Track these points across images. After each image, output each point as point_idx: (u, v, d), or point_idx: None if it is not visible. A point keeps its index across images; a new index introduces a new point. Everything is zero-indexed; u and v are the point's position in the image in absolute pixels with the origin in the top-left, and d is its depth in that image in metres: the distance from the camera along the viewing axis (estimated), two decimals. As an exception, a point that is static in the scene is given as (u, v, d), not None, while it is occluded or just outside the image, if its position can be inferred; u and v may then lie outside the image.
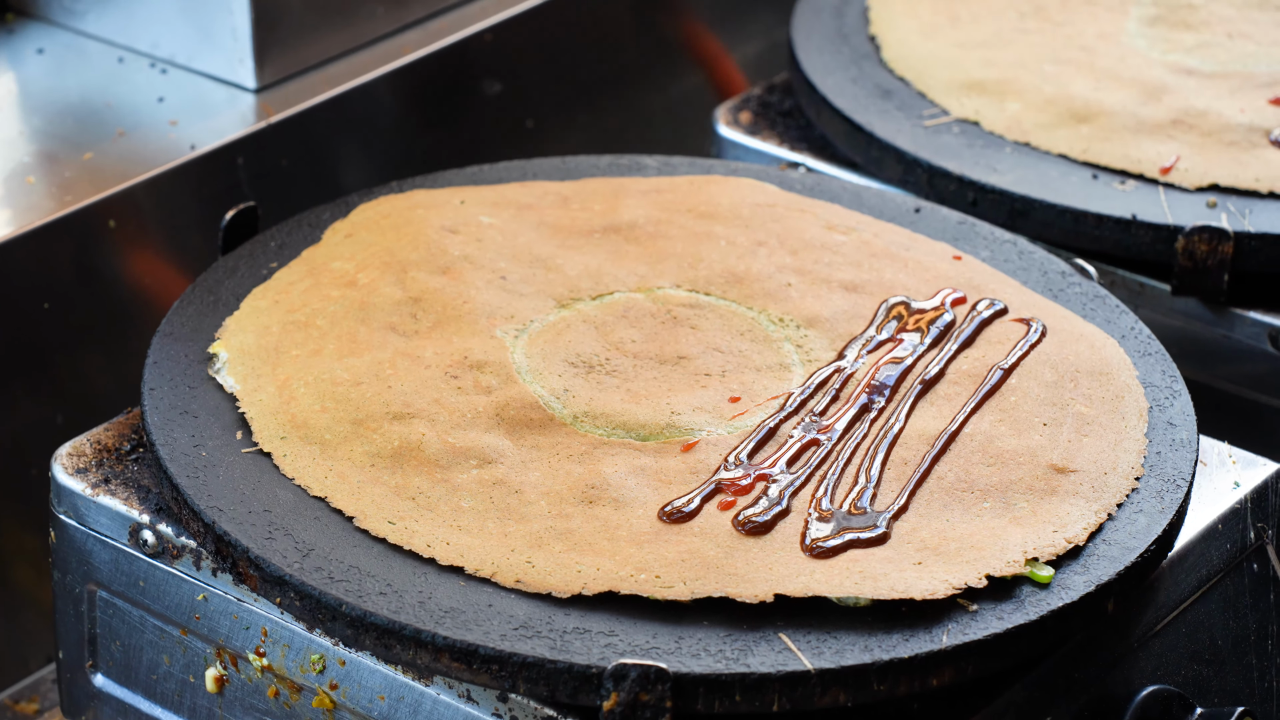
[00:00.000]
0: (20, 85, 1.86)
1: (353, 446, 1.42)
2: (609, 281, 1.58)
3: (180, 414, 1.45)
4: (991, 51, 1.90)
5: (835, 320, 1.55)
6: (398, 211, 1.65)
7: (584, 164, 1.75)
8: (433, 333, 1.52)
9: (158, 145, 1.78)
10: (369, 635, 1.31)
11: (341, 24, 1.90)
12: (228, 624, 1.40)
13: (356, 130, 1.89)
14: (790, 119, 1.90)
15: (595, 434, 1.44)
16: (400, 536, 1.36)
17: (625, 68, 2.14)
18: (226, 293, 1.57)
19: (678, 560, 1.34)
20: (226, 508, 1.38)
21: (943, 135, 1.81)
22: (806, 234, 1.65)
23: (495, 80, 2.00)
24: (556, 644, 1.29)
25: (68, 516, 1.46)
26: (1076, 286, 1.62)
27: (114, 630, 1.47)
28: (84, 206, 1.71)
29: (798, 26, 1.96)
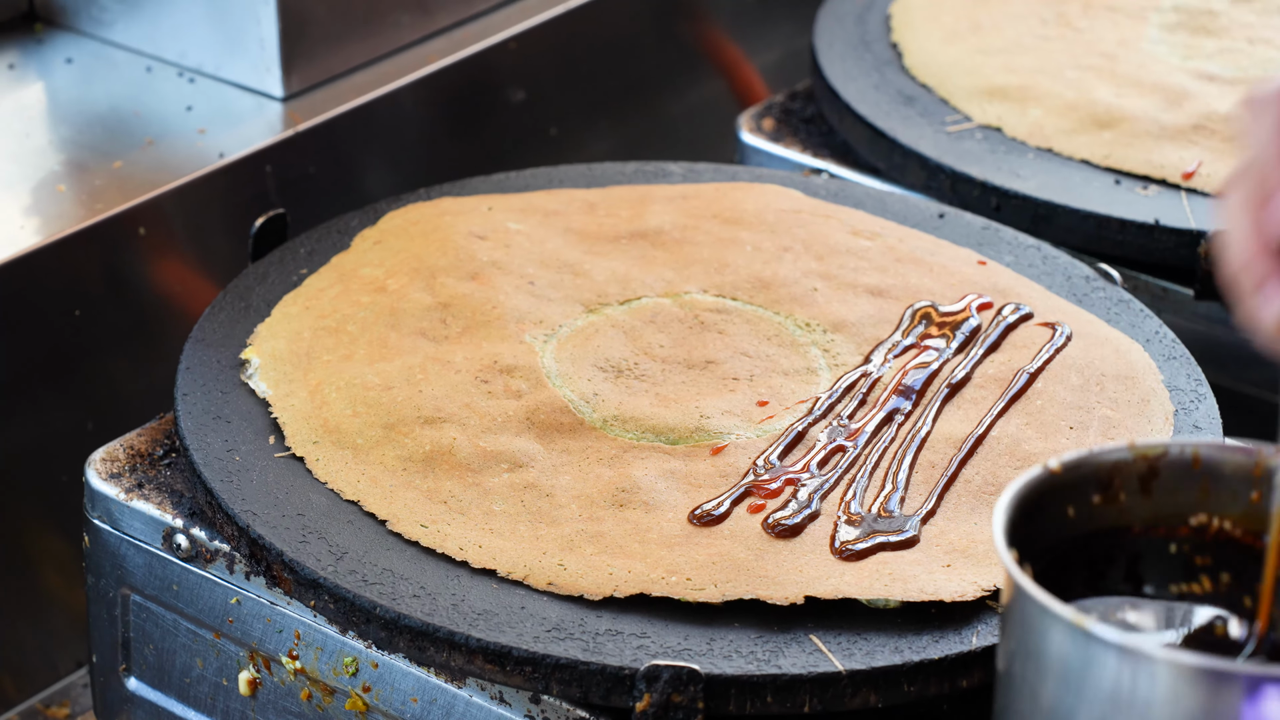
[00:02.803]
0: (50, 95, 1.87)
1: (385, 451, 1.43)
2: (636, 287, 1.60)
3: (213, 419, 1.47)
4: (1013, 58, 1.91)
5: (861, 325, 1.56)
6: (426, 218, 1.66)
7: (610, 171, 1.76)
8: (462, 338, 1.53)
9: (186, 154, 1.79)
10: (403, 637, 1.32)
11: (367, 33, 1.91)
12: (261, 627, 1.42)
13: (382, 138, 1.90)
14: (813, 126, 1.92)
15: (625, 438, 1.45)
16: (433, 540, 1.37)
17: (647, 76, 2.15)
18: (257, 299, 1.58)
19: (708, 563, 1.35)
20: (260, 512, 1.39)
21: (965, 141, 1.82)
22: (831, 239, 1.66)
23: (519, 88, 2.01)
24: (589, 646, 1.30)
25: (101, 521, 1.47)
26: (1101, 291, 1.63)
27: (147, 634, 1.48)
28: (114, 215, 1.73)
29: (820, 34, 1.97)
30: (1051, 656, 1.07)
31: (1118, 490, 1.17)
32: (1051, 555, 1.17)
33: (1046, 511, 1.16)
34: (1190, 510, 1.18)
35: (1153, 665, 1.03)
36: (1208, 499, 1.18)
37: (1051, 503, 1.17)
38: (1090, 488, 1.17)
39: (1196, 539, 1.18)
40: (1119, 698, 1.04)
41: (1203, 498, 1.18)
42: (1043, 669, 1.08)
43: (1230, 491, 1.17)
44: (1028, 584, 1.08)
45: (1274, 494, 1.14)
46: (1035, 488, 1.16)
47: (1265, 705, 0.97)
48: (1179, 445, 1.17)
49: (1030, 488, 1.15)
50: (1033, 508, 1.16)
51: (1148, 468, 1.17)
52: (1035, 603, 1.07)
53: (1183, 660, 1.02)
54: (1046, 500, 1.17)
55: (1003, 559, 1.10)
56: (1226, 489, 1.17)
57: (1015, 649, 1.10)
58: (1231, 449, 1.17)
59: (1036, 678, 1.08)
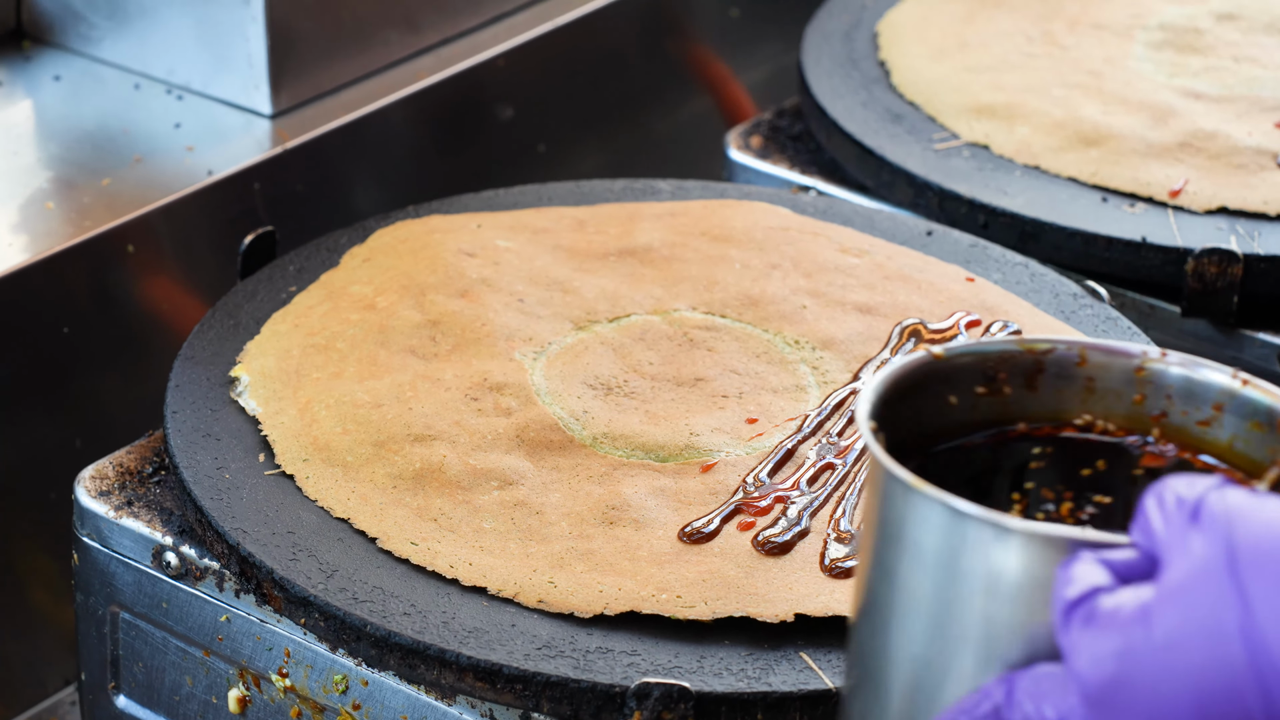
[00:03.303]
0: (38, 112, 1.87)
1: (374, 468, 1.43)
2: (626, 304, 1.60)
3: (203, 437, 1.47)
4: (1000, 76, 1.92)
5: (850, 342, 1.57)
6: (415, 236, 1.66)
7: (599, 188, 1.76)
8: (452, 355, 1.53)
9: (175, 171, 1.79)
10: (393, 655, 1.32)
11: (356, 50, 1.91)
12: (250, 645, 1.42)
13: (371, 155, 1.90)
14: (800, 143, 1.92)
15: (615, 455, 1.45)
16: (423, 558, 1.37)
17: (635, 93, 2.16)
18: (246, 316, 1.59)
19: (699, 580, 1.35)
20: (250, 529, 1.39)
21: (953, 159, 1.83)
22: (820, 257, 1.66)
23: (508, 105, 2.01)
24: (580, 663, 1.30)
25: (90, 539, 1.47)
26: (1088, 309, 1.63)
27: (136, 652, 1.48)
28: (102, 232, 1.73)
29: (807, 52, 1.97)
30: (912, 533, 1.06)
31: (1002, 383, 1.18)
32: (930, 459, 1.17)
33: (931, 399, 1.16)
34: (1075, 410, 1.18)
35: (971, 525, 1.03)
36: (1092, 398, 1.18)
37: (936, 391, 1.16)
38: (975, 378, 1.17)
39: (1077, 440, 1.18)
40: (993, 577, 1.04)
41: (1088, 396, 1.18)
42: (906, 547, 1.07)
43: (1114, 392, 1.18)
44: (886, 458, 1.07)
45: None
46: (915, 372, 1.14)
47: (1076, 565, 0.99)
48: (1066, 342, 1.18)
49: (909, 371, 1.14)
50: (915, 394, 1.14)
51: (1034, 361, 1.18)
52: (896, 477, 1.06)
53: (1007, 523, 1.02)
54: (928, 389, 1.15)
55: (862, 430, 1.09)
56: (1110, 389, 1.18)
57: (881, 531, 1.09)
58: (1117, 350, 1.17)
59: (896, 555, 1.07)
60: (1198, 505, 0.97)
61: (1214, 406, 1.16)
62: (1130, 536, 1.00)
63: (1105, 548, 1.00)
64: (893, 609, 1.07)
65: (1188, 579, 0.95)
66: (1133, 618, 0.95)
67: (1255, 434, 1.14)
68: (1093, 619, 0.97)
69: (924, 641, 1.06)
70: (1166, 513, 0.98)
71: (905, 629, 1.07)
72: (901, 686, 1.07)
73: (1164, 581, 0.96)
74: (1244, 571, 0.94)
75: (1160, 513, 0.98)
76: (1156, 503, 0.99)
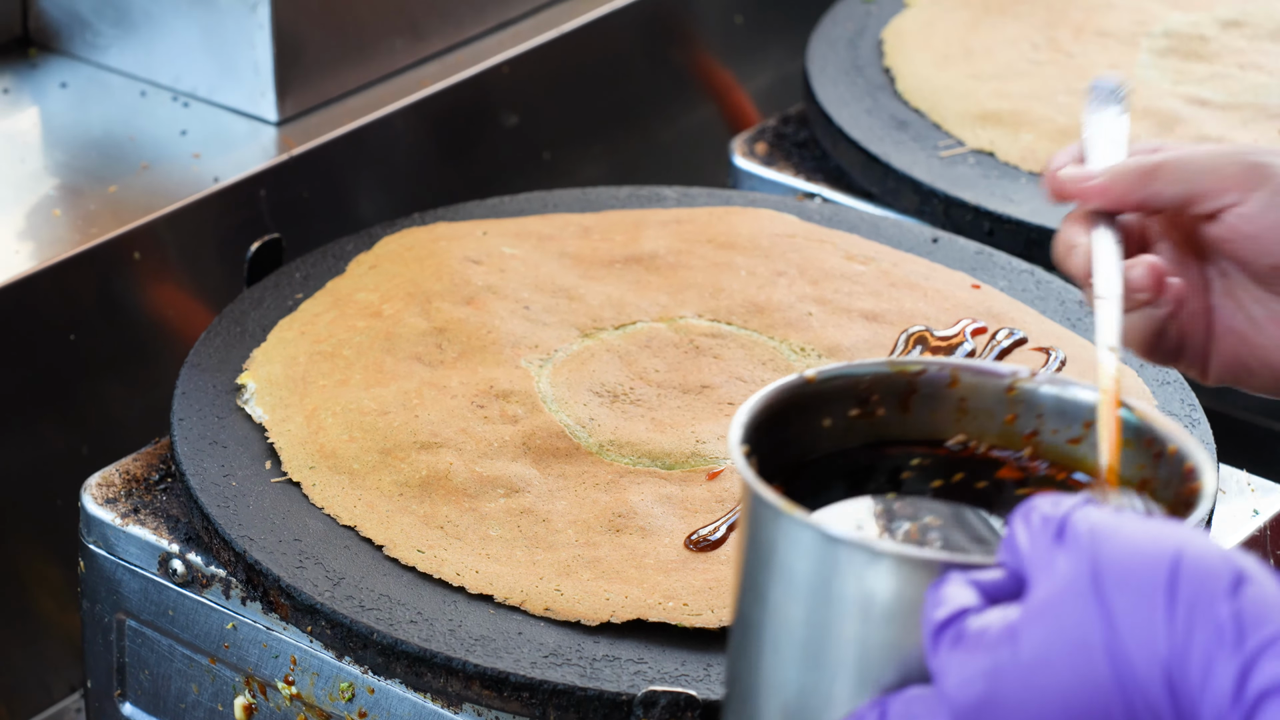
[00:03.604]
0: (44, 120, 1.88)
1: (381, 476, 1.43)
2: (631, 311, 1.60)
3: (209, 444, 1.47)
4: (1005, 83, 1.92)
5: (856, 349, 1.57)
6: (421, 243, 1.67)
7: (604, 195, 1.76)
8: (458, 362, 1.53)
9: (181, 178, 1.80)
10: (400, 663, 1.32)
11: (361, 58, 1.92)
12: (257, 652, 1.42)
13: (376, 162, 1.90)
14: (805, 150, 1.92)
15: (621, 463, 1.45)
16: (429, 565, 1.37)
17: (640, 100, 2.16)
18: (253, 324, 1.59)
19: (705, 588, 1.35)
20: (257, 537, 1.39)
21: (958, 166, 1.83)
22: (826, 264, 1.66)
23: (512, 112, 2.02)
24: (586, 671, 1.30)
25: (97, 546, 1.47)
26: (1094, 316, 1.63)
27: (143, 659, 1.48)
28: (108, 239, 1.73)
29: (812, 59, 1.97)
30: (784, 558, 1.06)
31: (875, 405, 1.18)
32: (805, 470, 1.17)
33: (804, 422, 1.16)
34: (948, 428, 1.19)
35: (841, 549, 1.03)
36: (965, 418, 1.18)
37: (809, 414, 1.16)
38: (848, 400, 1.18)
39: (950, 458, 1.18)
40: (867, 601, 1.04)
41: (960, 416, 1.18)
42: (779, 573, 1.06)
43: (986, 411, 1.18)
44: (751, 477, 1.07)
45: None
46: (788, 395, 1.14)
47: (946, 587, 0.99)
48: (938, 363, 1.18)
49: (782, 394, 1.14)
50: (786, 418, 1.14)
51: (906, 383, 1.18)
52: (766, 502, 1.06)
53: (876, 546, 1.02)
54: (802, 412, 1.15)
55: (733, 455, 1.08)
56: (982, 409, 1.18)
57: (746, 549, 1.09)
58: (988, 371, 1.18)
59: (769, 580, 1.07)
60: (1062, 524, 0.97)
61: (1084, 425, 1.16)
62: (998, 557, 1.00)
63: (974, 569, 1.00)
64: (765, 633, 1.06)
65: (1053, 598, 0.95)
66: (1000, 637, 0.96)
67: (1125, 451, 1.14)
68: (961, 640, 0.97)
69: (798, 666, 1.05)
70: (1033, 532, 0.98)
71: (779, 653, 1.06)
72: (776, 711, 1.07)
73: (1030, 601, 0.96)
74: (1108, 589, 0.94)
75: (1027, 532, 0.98)
76: (1023, 522, 0.99)
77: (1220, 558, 0.94)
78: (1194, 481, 1.10)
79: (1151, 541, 0.95)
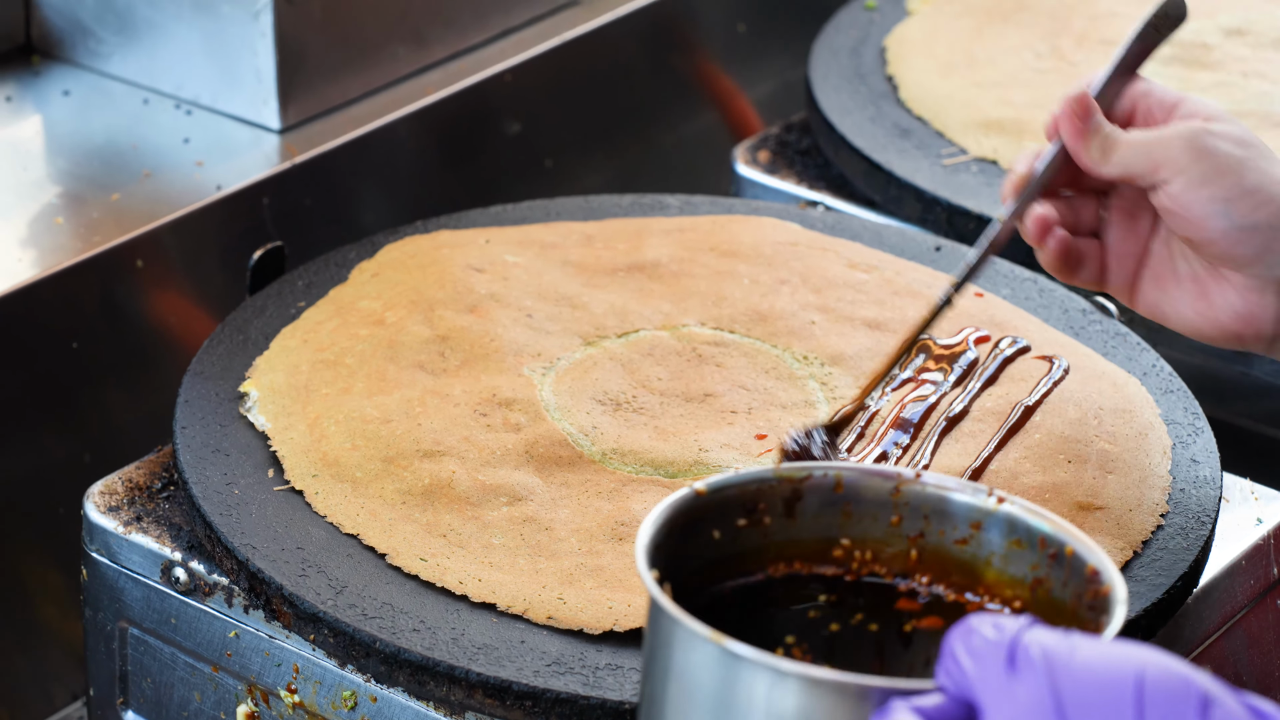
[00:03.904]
0: (47, 127, 1.88)
1: (384, 484, 1.43)
2: (634, 319, 1.60)
3: (212, 452, 1.47)
4: (1008, 91, 1.92)
5: (859, 358, 1.57)
6: (423, 251, 1.67)
7: (606, 203, 1.76)
8: (461, 371, 1.53)
9: (184, 186, 1.80)
10: (403, 672, 1.32)
11: (363, 65, 1.92)
12: (259, 661, 1.41)
13: (379, 170, 1.90)
14: (808, 158, 1.92)
15: (624, 471, 1.45)
16: (432, 574, 1.37)
17: (642, 108, 2.16)
18: (256, 332, 1.59)
19: (708, 596, 1.35)
20: (260, 545, 1.39)
21: (961, 174, 1.83)
22: (829, 272, 1.66)
23: (515, 120, 2.02)
24: (589, 680, 1.30)
25: (100, 554, 1.47)
26: (1097, 324, 1.63)
27: (145, 667, 1.48)
28: (111, 247, 1.73)
29: (815, 66, 1.97)
30: (689, 673, 1.07)
31: (762, 514, 1.18)
32: (704, 581, 1.17)
33: (696, 535, 1.17)
34: (834, 533, 1.19)
35: (783, 679, 1.03)
36: (850, 522, 1.19)
37: (700, 526, 1.17)
38: (735, 511, 1.18)
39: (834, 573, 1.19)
40: (753, 713, 1.04)
41: (846, 520, 1.19)
42: (680, 686, 1.07)
43: (871, 515, 1.19)
44: (665, 601, 1.08)
45: None
46: (682, 509, 1.15)
47: (892, 717, 0.99)
48: (823, 468, 1.19)
49: (676, 509, 1.15)
50: (683, 531, 1.15)
51: (791, 490, 1.18)
52: (675, 622, 1.07)
53: (814, 674, 1.03)
54: (695, 523, 1.17)
55: (643, 578, 1.10)
56: (868, 512, 1.19)
57: (656, 673, 1.10)
58: (873, 472, 1.19)
59: (674, 697, 1.08)
60: (1012, 650, 0.97)
61: (971, 525, 1.17)
62: (937, 680, 1.00)
63: (914, 694, 1.00)
64: None
65: None
66: None
67: (1016, 551, 1.16)
68: None
69: None
70: (977, 656, 0.98)
71: None
72: None
73: None
74: (1071, 715, 0.94)
75: (969, 656, 0.98)
76: (963, 646, 0.99)
77: (1182, 679, 0.94)
78: (1100, 585, 1.10)
79: (1110, 664, 0.95)
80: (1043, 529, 1.15)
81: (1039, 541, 1.15)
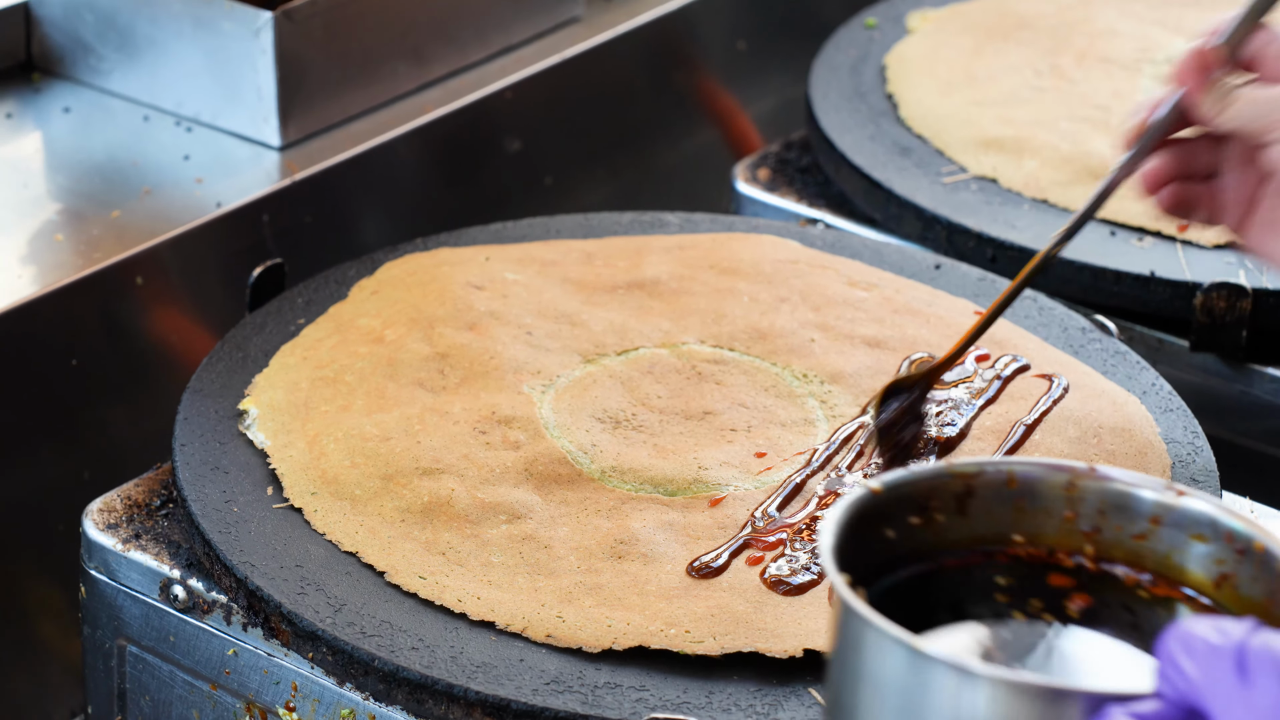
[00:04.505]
0: (47, 144, 1.88)
1: (383, 502, 1.43)
2: (634, 337, 1.60)
3: (211, 470, 1.47)
4: (1008, 109, 1.92)
5: (859, 376, 1.56)
6: (423, 268, 1.66)
7: (606, 221, 1.76)
8: (460, 388, 1.53)
9: (184, 203, 1.80)
10: (401, 690, 1.32)
11: (364, 83, 1.92)
12: (258, 679, 1.41)
13: (379, 187, 1.90)
14: (808, 175, 1.92)
15: (623, 489, 1.45)
16: (431, 592, 1.37)
17: (642, 125, 2.16)
18: (255, 349, 1.59)
19: (707, 615, 1.35)
20: (258, 563, 1.39)
21: (961, 192, 1.83)
22: (829, 290, 1.66)
23: (515, 138, 2.02)
24: (588, 699, 1.30)
25: (98, 572, 1.47)
26: (1097, 343, 1.63)
27: (144, 685, 1.47)
28: (111, 264, 1.73)
29: (815, 85, 1.97)
30: (886, 682, 1.05)
31: (934, 511, 1.18)
32: (879, 582, 1.16)
33: (870, 535, 1.15)
34: (1007, 529, 1.18)
35: (987, 685, 1.02)
36: (1023, 518, 1.18)
37: (873, 526, 1.16)
38: (909, 508, 1.17)
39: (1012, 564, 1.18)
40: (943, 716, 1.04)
41: (1019, 516, 1.18)
42: (878, 695, 1.06)
43: (1044, 510, 1.18)
44: (859, 605, 1.07)
45: None
46: (860, 509, 1.14)
47: None
48: (995, 464, 1.18)
49: (855, 509, 1.14)
50: (859, 531, 1.14)
51: (964, 486, 1.17)
52: (868, 625, 1.06)
53: (1019, 679, 1.02)
54: (869, 523, 1.15)
55: (833, 580, 1.08)
56: (1041, 507, 1.18)
57: (846, 677, 1.09)
58: (1047, 466, 1.17)
59: (870, 705, 1.07)
60: (1241, 656, 0.95)
61: (1150, 520, 1.16)
62: (1156, 687, 0.98)
63: (1131, 700, 0.98)
64: None
65: None
66: None
67: (1198, 545, 1.14)
68: None
69: None
70: (1203, 662, 0.96)
71: None
72: None
73: None
74: None
75: (1194, 663, 0.96)
76: (1184, 652, 0.97)
77: None
78: None
79: None
80: (1230, 524, 1.12)
81: (1225, 536, 1.12)
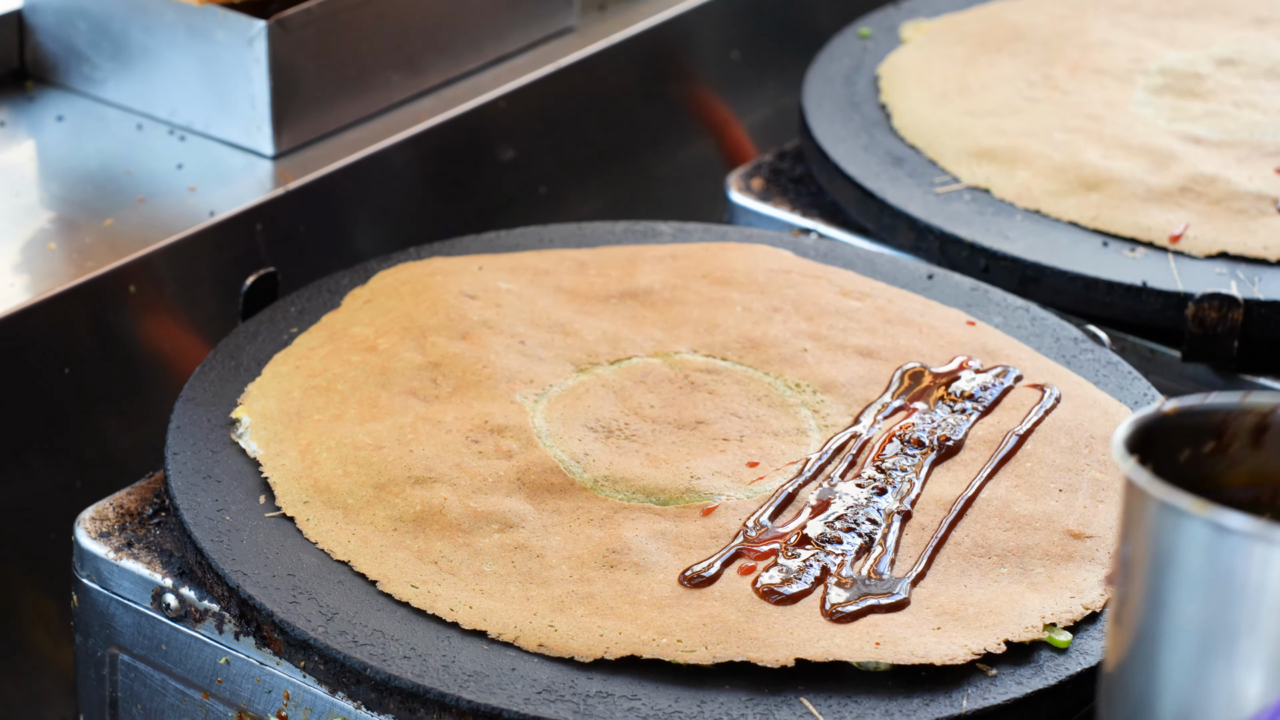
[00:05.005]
0: (40, 153, 1.88)
1: (375, 511, 1.43)
2: (627, 346, 1.60)
3: (203, 478, 1.46)
4: (1001, 120, 1.92)
5: (851, 386, 1.57)
6: (416, 278, 1.67)
7: (600, 230, 1.77)
8: (453, 397, 1.53)
9: (177, 211, 1.80)
10: (393, 699, 1.32)
11: (357, 92, 1.92)
12: (250, 687, 1.41)
13: (372, 196, 1.90)
14: (802, 185, 1.92)
15: (615, 498, 1.45)
16: (423, 601, 1.37)
17: (636, 135, 2.16)
18: (248, 358, 1.59)
19: (699, 624, 1.35)
20: (251, 572, 1.39)
21: (954, 202, 1.83)
22: (821, 300, 1.66)
23: (509, 147, 2.02)
24: (580, 708, 1.30)
25: (90, 580, 1.47)
26: (1089, 353, 1.63)
27: (135, 694, 1.47)
28: (104, 273, 1.73)
29: (809, 95, 1.98)
30: (1183, 558, 1.07)
31: (1229, 441, 1.18)
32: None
33: (1164, 456, 1.17)
34: None
35: None
36: None
37: (1168, 448, 1.17)
38: (1205, 436, 1.18)
39: None
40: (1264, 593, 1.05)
41: None
42: (1177, 573, 1.08)
43: None
44: (1153, 484, 1.08)
45: None
46: (1149, 425, 1.15)
47: None
48: None
49: (1145, 423, 1.15)
50: (1147, 449, 1.16)
51: (1258, 421, 1.18)
52: (1163, 503, 1.07)
53: None
54: (1164, 444, 1.17)
55: (1121, 464, 1.10)
56: None
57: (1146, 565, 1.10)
58: None
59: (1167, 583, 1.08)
60: None
61: None
62: None
63: None
64: (1164, 638, 1.08)
65: None
66: None
67: None
68: None
69: (1200, 665, 1.07)
70: None
71: (1177, 654, 1.08)
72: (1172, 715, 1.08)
73: None
74: None
75: None
76: None
77: None
78: None
79: None
80: None
81: None
